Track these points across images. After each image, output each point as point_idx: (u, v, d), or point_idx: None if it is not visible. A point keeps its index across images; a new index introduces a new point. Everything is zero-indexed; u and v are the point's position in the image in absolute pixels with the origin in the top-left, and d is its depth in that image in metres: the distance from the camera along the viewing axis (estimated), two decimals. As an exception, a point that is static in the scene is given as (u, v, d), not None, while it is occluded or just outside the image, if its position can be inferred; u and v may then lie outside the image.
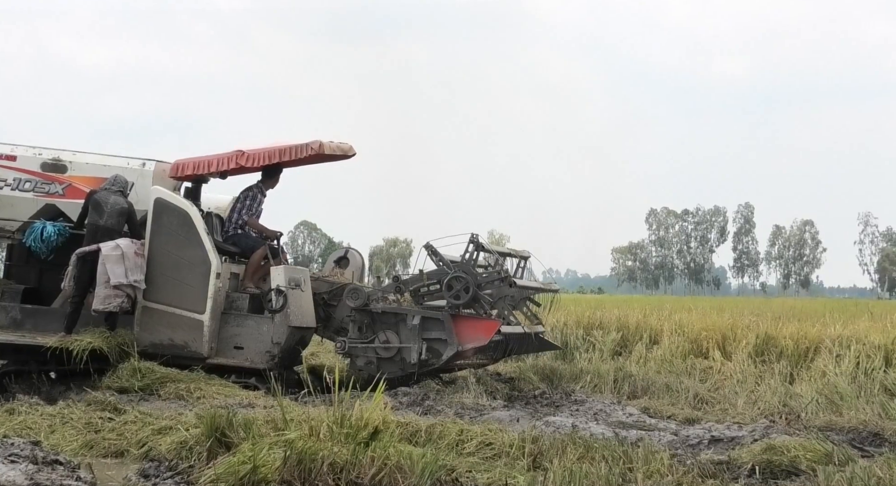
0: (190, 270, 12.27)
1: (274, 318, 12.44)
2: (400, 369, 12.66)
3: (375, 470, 6.39)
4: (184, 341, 12.25)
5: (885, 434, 9.35)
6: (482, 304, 12.66)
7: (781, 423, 10.15)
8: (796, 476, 7.16)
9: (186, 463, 7.44)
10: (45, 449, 7.97)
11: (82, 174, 12.66)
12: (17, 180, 12.60)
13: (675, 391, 12.19)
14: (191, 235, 12.28)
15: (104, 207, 12.12)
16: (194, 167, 12.88)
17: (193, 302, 12.24)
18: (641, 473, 6.93)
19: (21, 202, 12.61)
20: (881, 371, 12.17)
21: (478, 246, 12.87)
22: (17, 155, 12.70)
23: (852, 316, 15.86)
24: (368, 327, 12.78)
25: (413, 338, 12.58)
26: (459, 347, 12.50)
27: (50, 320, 12.47)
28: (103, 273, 11.91)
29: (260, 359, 12.39)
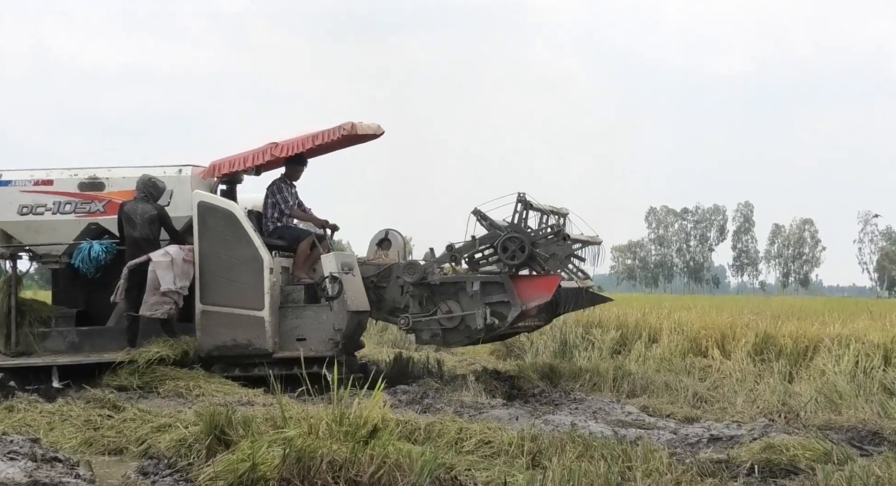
0: (243, 268, 12.35)
1: (332, 305, 12.53)
2: (466, 337, 12.94)
3: (374, 468, 6.39)
4: (247, 340, 12.34)
5: (884, 433, 9.34)
6: (538, 262, 12.78)
7: (780, 422, 10.14)
8: (795, 475, 7.15)
9: (185, 461, 7.43)
10: (44, 446, 7.99)
11: (120, 189, 12.73)
12: (56, 204, 12.69)
13: (674, 390, 12.18)
14: (239, 234, 12.38)
15: (135, 219, 12.20)
16: (230, 165, 13.00)
17: (251, 300, 12.33)
18: (640, 471, 6.93)
19: (64, 225, 12.70)
20: (880, 370, 12.16)
21: (526, 205, 12.95)
22: (53, 179, 12.79)
23: (851, 315, 15.87)
24: (429, 300, 12.96)
25: (476, 304, 12.75)
26: (523, 306, 12.73)
27: (108, 340, 12.63)
28: (153, 280, 12.01)
29: (324, 347, 12.50)
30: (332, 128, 12.97)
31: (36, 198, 12.75)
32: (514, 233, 12.75)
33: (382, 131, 13.55)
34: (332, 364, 11.86)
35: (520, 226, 12.88)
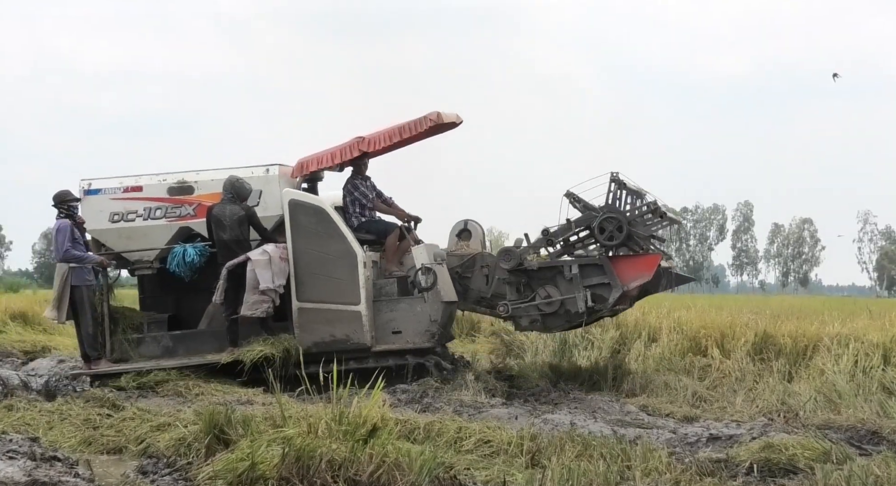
0: (337, 264, 12.37)
1: (425, 297, 12.57)
2: (566, 321, 12.93)
3: (374, 467, 6.39)
4: (345, 335, 12.36)
5: (882, 433, 9.34)
6: (636, 241, 12.77)
7: (780, 421, 10.14)
8: (794, 475, 7.16)
9: (185, 460, 7.45)
10: (43, 446, 8.00)
11: (210, 191, 12.72)
12: (147, 209, 12.68)
13: (674, 389, 12.17)
14: (331, 230, 12.42)
15: (224, 221, 12.22)
16: (318, 163, 13.05)
17: (347, 295, 12.37)
18: (639, 471, 6.93)
19: (155, 230, 12.70)
20: (879, 370, 12.15)
21: (620, 184, 12.89)
22: (142, 185, 12.78)
23: (851, 314, 15.86)
24: (526, 286, 12.96)
25: (575, 288, 12.69)
26: (624, 287, 12.67)
27: (201, 342, 12.69)
28: (253, 279, 12.05)
29: (421, 339, 12.56)
30: (418, 119, 13.02)
31: (126, 205, 12.74)
32: (610, 213, 12.69)
33: (462, 120, 13.57)
34: (432, 355, 12.44)
35: (615, 206, 12.82)
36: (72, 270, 12.05)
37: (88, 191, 12.70)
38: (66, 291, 12.10)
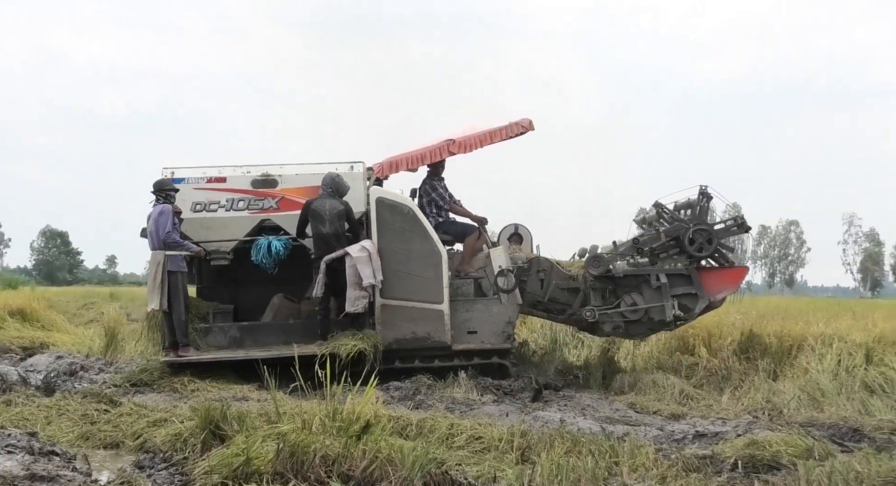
0: (421, 262, 12.42)
1: (502, 298, 12.71)
2: (648, 329, 13.15)
3: (367, 463, 6.39)
4: (426, 333, 12.42)
5: (864, 430, 9.37)
6: (723, 254, 12.98)
7: (764, 419, 10.16)
8: (778, 471, 7.18)
9: (181, 455, 7.45)
10: (41, 440, 7.99)
11: (293, 186, 12.71)
12: (230, 201, 12.58)
13: (662, 387, 12.20)
14: (417, 229, 12.47)
15: (324, 215, 12.21)
16: (408, 163, 13.15)
17: (431, 294, 12.43)
18: (627, 466, 6.96)
19: (236, 222, 12.61)
20: (862, 369, 12.18)
21: (708, 197, 13.06)
22: (226, 176, 12.67)
23: (835, 315, 15.89)
24: (611, 293, 13.09)
25: (660, 297, 12.89)
26: (711, 298, 12.98)
27: (267, 334, 12.65)
28: (354, 275, 12.05)
29: (497, 340, 12.70)
30: (511, 125, 13.25)
31: (209, 195, 12.64)
32: (700, 226, 12.87)
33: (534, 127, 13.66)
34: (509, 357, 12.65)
35: (704, 218, 12.98)
36: (168, 257, 11.92)
37: (172, 179, 12.53)
38: (163, 277, 11.94)
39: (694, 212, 13.14)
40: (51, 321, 22.32)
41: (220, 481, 6.30)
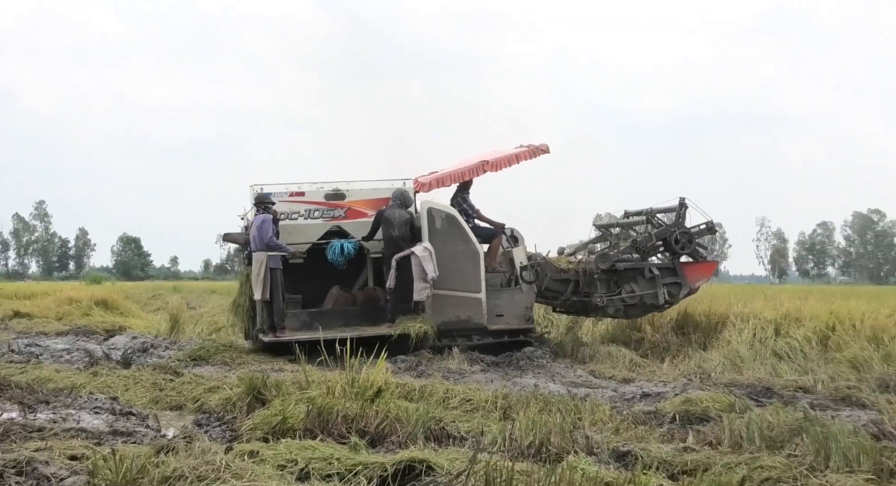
0: (464, 259, 12.41)
1: (522, 288, 12.83)
2: (642, 311, 13.27)
3: (379, 421, 6.36)
4: (468, 317, 12.45)
5: (774, 388, 9.36)
6: (697, 251, 13.24)
7: (696, 381, 10.13)
8: (707, 422, 7.15)
9: (231, 415, 7.40)
10: (121, 403, 7.98)
11: (358, 198, 12.69)
12: (307, 211, 12.51)
13: (615, 357, 12.16)
14: (459, 232, 12.48)
15: (394, 222, 12.19)
16: (451, 179, 13.13)
17: (471, 285, 12.46)
18: (588, 421, 6.92)
19: (312, 228, 12.54)
20: (772, 340, 12.18)
21: (685, 206, 13.28)
22: (304, 191, 12.60)
23: (751, 297, 15.87)
24: (614, 283, 13.16)
25: (653, 286, 13.08)
26: (691, 286, 13.22)
27: (331, 319, 12.48)
28: (420, 270, 12.02)
29: (519, 322, 12.82)
30: (534, 149, 13.30)
31: (291, 206, 12.62)
32: (682, 229, 13.07)
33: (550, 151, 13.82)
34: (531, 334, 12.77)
35: (682, 223, 13.16)
36: (269, 256, 11.78)
37: (262, 194, 12.40)
38: (266, 274, 11.79)
39: (676, 218, 13.34)
40: (127, 309, 22.30)
41: (262, 435, 6.26)
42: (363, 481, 5.02)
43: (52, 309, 21.54)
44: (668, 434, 6.67)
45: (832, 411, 7.95)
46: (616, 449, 5.98)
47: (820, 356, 11.40)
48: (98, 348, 13.03)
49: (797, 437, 5.93)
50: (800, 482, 5.14)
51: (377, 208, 12.56)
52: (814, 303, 13.91)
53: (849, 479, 5.07)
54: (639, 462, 5.59)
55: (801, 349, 11.67)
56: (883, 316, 12.07)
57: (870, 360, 10.70)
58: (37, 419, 6.72)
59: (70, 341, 15.25)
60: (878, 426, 6.57)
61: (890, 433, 6.33)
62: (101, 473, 4.77)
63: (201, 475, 4.75)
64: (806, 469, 5.28)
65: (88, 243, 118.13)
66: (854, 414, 7.81)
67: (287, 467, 5.20)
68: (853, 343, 11.33)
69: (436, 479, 4.94)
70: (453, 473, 4.87)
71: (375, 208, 12.58)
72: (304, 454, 5.36)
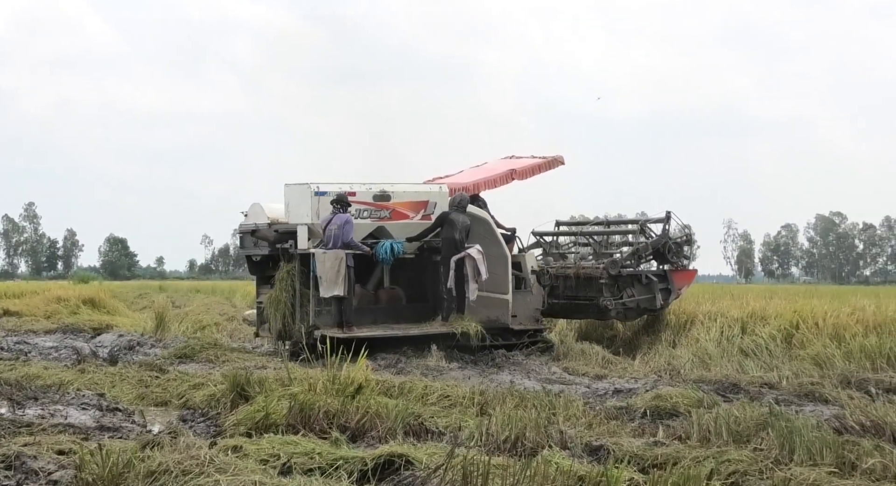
0: (495, 262, 12.33)
1: (533, 290, 12.91)
2: (637, 314, 13.46)
3: (359, 416, 6.35)
4: (496, 316, 12.41)
5: (741, 384, 9.43)
6: (679, 259, 13.63)
7: (666, 377, 10.20)
8: (677, 417, 7.19)
9: (215, 411, 7.36)
10: (108, 400, 7.94)
11: (402, 200, 12.35)
12: (357, 211, 11.99)
13: (588, 355, 12.18)
14: (492, 237, 12.50)
15: (456, 225, 12.01)
16: (485, 185, 13.25)
17: (501, 286, 12.41)
18: (562, 416, 6.93)
19: (360, 226, 12.00)
20: (738, 338, 12.23)
21: (669, 219, 13.77)
22: (356, 191, 12.12)
23: (718, 297, 15.93)
24: (617, 288, 13.26)
25: (649, 290, 13.36)
26: (678, 291, 13.57)
27: (360, 316, 12.01)
28: (475, 271, 11.93)
29: (529, 322, 12.87)
30: (552, 160, 13.56)
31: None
32: (668, 240, 13.49)
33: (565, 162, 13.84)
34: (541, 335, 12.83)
35: (668, 235, 13.57)
36: (347, 255, 11.46)
37: (318, 192, 11.95)
38: (347, 272, 11.44)
39: (663, 229, 13.71)
40: (114, 308, 22.11)
41: (245, 431, 6.22)
42: (344, 475, 5.00)
43: (41, 308, 21.34)
44: (639, 429, 6.70)
45: (796, 406, 8.01)
46: (589, 444, 5.99)
47: (784, 354, 11.47)
48: (85, 345, 12.91)
49: (763, 431, 5.97)
50: (765, 474, 5.18)
51: (417, 211, 12.37)
52: (778, 302, 13.99)
53: (812, 472, 5.11)
54: (611, 456, 5.61)
55: (767, 347, 11.73)
56: (844, 315, 12.16)
57: (832, 357, 10.79)
58: (25, 415, 6.68)
59: (58, 338, 15.12)
60: (840, 421, 6.63)
61: (851, 427, 6.39)
62: (87, 467, 4.73)
63: (186, 469, 4.72)
64: (771, 463, 5.32)
65: (76, 244, 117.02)
66: (817, 409, 7.88)
67: (270, 461, 5.18)
68: (816, 341, 11.41)
69: (415, 473, 4.93)
70: (432, 467, 4.86)
71: (416, 210, 12.37)
72: (287, 448, 5.34)
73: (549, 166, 13.57)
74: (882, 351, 10.74)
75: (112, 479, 4.64)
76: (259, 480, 4.62)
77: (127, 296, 29.33)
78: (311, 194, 12.00)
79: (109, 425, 6.62)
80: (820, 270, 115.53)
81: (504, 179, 13.22)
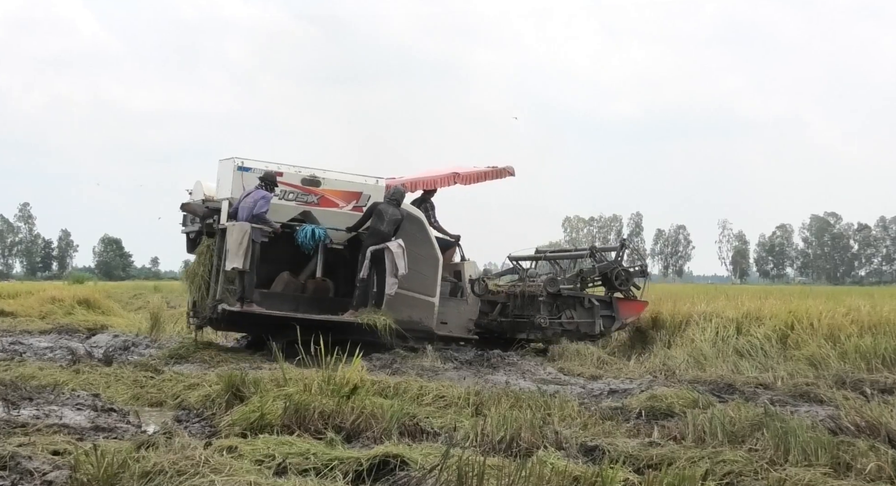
0: (424, 262, 12.17)
1: (468, 300, 12.74)
2: (576, 338, 13.10)
3: (355, 417, 6.34)
4: (419, 318, 12.17)
5: (736, 385, 9.44)
6: (630, 289, 13.49)
7: (661, 378, 10.20)
8: (672, 417, 7.18)
9: (210, 411, 7.34)
10: (103, 400, 7.89)
11: (332, 188, 12.15)
12: (283, 192, 11.83)
13: (584, 355, 12.20)
14: (424, 236, 12.29)
15: (384, 216, 11.86)
16: (423, 184, 13.13)
17: (428, 288, 12.19)
18: (557, 417, 6.93)
19: (284, 209, 11.89)
20: (734, 338, 12.26)
21: (626, 247, 14.08)
22: (283, 171, 11.94)
23: (713, 297, 15.95)
24: (556, 307, 13.15)
25: (590, 315, 13.21)
26: (623, 321, 13.33)
27: (280, 303, 11.93)
28: (393, 266, 11.74)
29: (461, 331, 12.68)
30: (501, 169, 13.38)
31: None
32: (617, 267, 13.43)
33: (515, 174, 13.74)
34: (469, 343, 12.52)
35: (620, 263, 13.57)
36: (253, 229, 11.27)
37: (241, 167, 11.77)
38: (250, 245, 11.24)
39: (616, 256, 13.74)
40: (109, 308, 22.10)
41: (240, 431, 6.20)
42: (339, 475, 5.00)
43: (36, 308, 21.32)
44: (634, 429, 6.69)
45: (791, 406, 8.02)
46: (584, 444, 5.99)
47: (779, 354, 11.49)
48: (80, 346, 12.86)
49: (758, 432, 5.97)
50: (760, 475, 5.18)
51: (349, 201, 12.17)
52: (773, 303, 14.01)
53: (807, 472, 5.11)
54: (606, 457, 5.60)
55: (762, 347, 11.76)
56: (839, 315, 12.18)
57: (827, 357, 10.81)
58: (20, 415, 6.64)
59: (53, 339, 15.07)
60: (835, 422, 6.63)
61: (846, 427, 6.40)
62: (82, 468, 4.72)
63: (181, 469, 4.70)
64: (766, 463, 5.32)
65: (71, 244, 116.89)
66: (812, 410, 7.88)
67: (265, 462, 5.16)
68: (811, 341, 11.43)
69: (410, 473, 4.92)
70: (427, 467, 4.85)
71: (347, 200, 12.17)
72: (282, 449, 5.33)
73: (497, 176, 13.37)
74: (877, 351, 10.76)
75: (107, 479, 4.63)
76: (254, 480, 4.61)
77: (122, 296, 29.30)
78: (234, 169, 11.81)
79: (104, 425, 6.59)
80: (815, 270, 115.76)
81: (446, 180, 13.04)
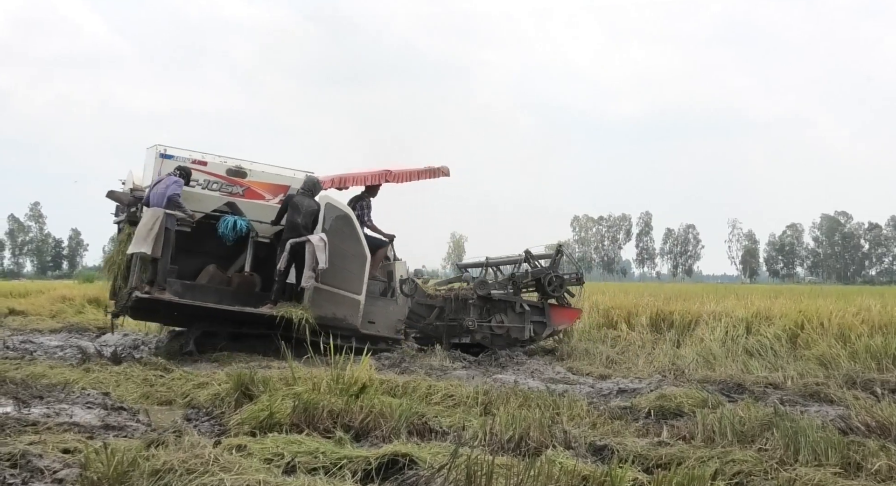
0: (351, 259, 11.98)
1: (397, 300, 12.56)
2: (507, 343, 12.96)
3: (363, 415, 6.33)
4: (343, 316, 11.95)
5: (745, 384, 9.40)
6: (564, 296, 13.28)
7: (670, 377, 10.17)
8: (681, 417, 7.17)
9: (219, 410, 7.35)
10: (112, 399, 7.89)
11: (259, 180, 12.02)
12: (206, 181, 11.73)
13: (592, 355, 12.20)
14: (352, 233, 12.06)
15: (301, 208, 11.70)
16: (352, 180, 12.86)
17: (353, 285, 11.98)
18: (566, 416, 6.92)
19: (208, 199, 11.76)
20: (743, 338, 12.24)
21: (561, 253, 13.68)
22: (207, 161, 11.82)
23: (723, 296, 15.95)
24: (487, 311, 13.01)
25: (521, 320, 13.02)
26: (554, 327, 13.18)
27: (204, 294, 11.76)
28: (312, 259, 11.56)
29: (389, 331, 12.42)
30: (435, 169, 13.09)
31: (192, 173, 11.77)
32: (555, 274, 13.22)
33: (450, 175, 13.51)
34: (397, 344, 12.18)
35: (556, 269, 13.32)
36: (166, 215, 11.13)
37: (163, 154, 11.60)
38: (161, 231, 11.08)
39: (551, 263, 13.44)
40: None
41: (249, 430, 6.21)
42: (348, 474, 5.00)
43: (46, 307, 21.41)
44: (643, 429, 6.68)
45: (801, 406, 7.99)
46: (593, 443, 5.97)
47: (789, 354, 11.46)
48: (90, 345, 12.92)
49: (767, 431, 5.95)
50: (770, 475, 5.16)
51: (276, 194, 12.05)
52: (783, 302, 13.99)
53: (817, 472, 5.09)
54: (615, 456, 5.59)
55: (772, 347, 11.73)
56: (850, 315, 12.15)
57: (837, 357, 10.77)
58: (31, 414, 6.66)
59: (63, 338, 15.12)
60: (846, 421, 6.61)
61: (857, 427, 6.37)
62: (93, 466, 4.73)
63: (190, 468, 4.71)
64: (776, 463, 5.31)
65: (81, 243, 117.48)
66: (822, 410, 7.86)
67: (274, 460, 5.17)
68: (821, 341, 11.40)
69: (418, 472, 4.92)
70: (436, 466, 4.85)
71: (274, 193, 12.05)
72: (291, 447, 5.33)
73: (432, 175, 13.14)
74: (888, 351, 10.72)
75: (117, 477, 4.64)
76: (263, 479, 4.62)
77: (132, 295, 29.35)
78: (156, 155, 11.72)
79: (114, 424, 6.60)
80: (825, 270, 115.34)
81: (376, 177, 12.84)
